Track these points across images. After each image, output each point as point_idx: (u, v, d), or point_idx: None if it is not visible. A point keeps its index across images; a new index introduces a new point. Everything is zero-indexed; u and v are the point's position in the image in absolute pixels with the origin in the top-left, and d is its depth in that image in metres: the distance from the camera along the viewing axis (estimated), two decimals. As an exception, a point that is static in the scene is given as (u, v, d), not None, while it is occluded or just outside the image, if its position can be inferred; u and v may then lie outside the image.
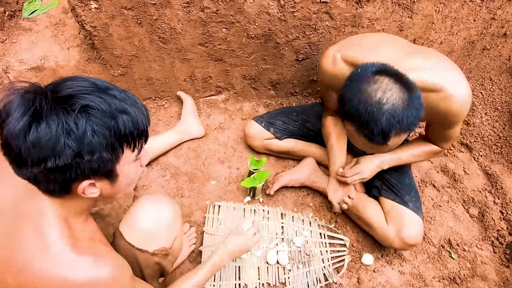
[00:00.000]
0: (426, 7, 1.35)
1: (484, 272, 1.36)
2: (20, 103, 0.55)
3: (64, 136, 0.56)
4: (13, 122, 0.55)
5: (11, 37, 1.57)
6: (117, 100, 0.62)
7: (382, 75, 0.88)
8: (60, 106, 0.56)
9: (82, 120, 0.57)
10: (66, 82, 0.60)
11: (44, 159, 0.57)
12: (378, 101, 0.86)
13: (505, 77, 1.65)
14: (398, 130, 0.88)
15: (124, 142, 0.64)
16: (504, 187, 1.52)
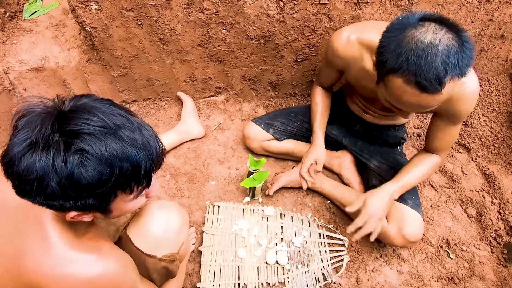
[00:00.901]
0: (424, 9, 1.36)
1: (482, 272, 1.36)
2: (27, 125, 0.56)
3: (51, 172, 0.55)
4: (15, 142, 0.56)
5: (11, 38, 1.58)
6: (123, 143, 0.59)
7: (427, 20, 0.80)
8: (62, 140, 0.55)
9: (73, 162, 0.55)
10: (79, 114, 0.58)
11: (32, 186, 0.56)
12: (430, 43, 0.77)
13: (502, 78, 1.66)
14: (453, 74, 0.79)
15: (117, 189, 0.62)
16: (501, 188, 1.53)
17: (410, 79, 0.81)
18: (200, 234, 1.38)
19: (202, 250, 1.32)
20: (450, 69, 0.78)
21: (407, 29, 0.81)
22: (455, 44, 0.78)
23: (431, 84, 0.79)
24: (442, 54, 0.77)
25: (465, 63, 0.79)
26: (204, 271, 1.28)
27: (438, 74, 0.78)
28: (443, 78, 0.78)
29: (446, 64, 0.77)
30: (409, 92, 0.84)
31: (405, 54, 0.80)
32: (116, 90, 1.66)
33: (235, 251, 1.33)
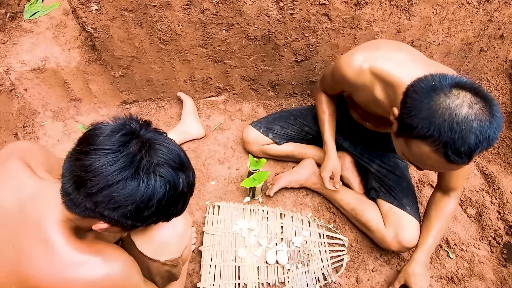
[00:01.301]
0: (423, 9, 1.36)
1: (482, 272, 1.37)
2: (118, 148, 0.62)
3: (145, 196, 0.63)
4: (109, 167, 0.61)
5: (12, 39, 1.58)
6: (184, 180, 0.70)
7: (461, 89, 0.78)
8: (152, 168, 0.64)
9: (160, 190, 0.65)
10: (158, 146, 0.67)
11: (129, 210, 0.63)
12: (465, 118, 0.76)
13: (501, 79, 1.66)
14: (482, 147, 0.79)
15: (164, 217, 0.72)
16: (501, 187, 1.53)
17: (439, 150, 0.80)
18: (200, 234, 1.38)
19: (203, 250, 1.32)
20: (481, 143, 0.77)
21: (438, 95, 0.79)
22: (488, 119, 0.77)
23: (460, 157, 0.79)
24: (476, 130, 0.76)
25: (495, 136, 0.78)
26: (204, 271, 1.28)
27: (470, 148, 0.77)
28: (474, 152, 0.78)
29: (478, 140, 0.77)
30: (435, 159, 0.83)
31: (438, 125, 0.78)
32: (116, 91, 1.66)
33: (235, 251, 1.33)
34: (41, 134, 1.62)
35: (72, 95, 1.67)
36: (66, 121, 1.67)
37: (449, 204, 1.20)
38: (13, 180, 0.73)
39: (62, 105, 1.69)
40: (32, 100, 1.63)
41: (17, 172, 0.75)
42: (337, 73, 1.12)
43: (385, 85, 1.02)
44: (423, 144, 0.82)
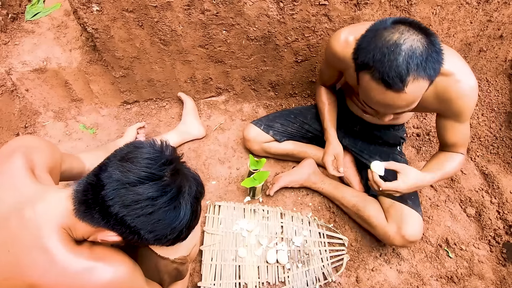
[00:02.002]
0: (423, 10, 1.37)
1: (481, 271, 1.37)
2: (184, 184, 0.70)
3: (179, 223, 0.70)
4: (159, 201, 0.66)
5: (14, 39, 1.59)
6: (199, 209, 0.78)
7: (400, 23, 0.84)
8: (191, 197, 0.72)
9: None
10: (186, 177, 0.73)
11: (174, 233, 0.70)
12: (395, 42, 0.81)
13: (501, 79, 1.67)
14: (416, 74, 0.81)
15: None
16: (500, 187, 1.53)
17: (375, 75, 0.84)
18: (201, 233, 1.38)
19: (203, 249, 1.33)
20: (412, 68, 0.80)
21: (379, 30, 0.85)
22: (420, 46, 0.81)
23: (393, 81, 0.82)
24: (405, 54, 0.80)
25: (430, 65, 0.81)
26: (205, 270, 1.29)
27: (399, 72, 0.81)
28: (405, 76, 0.81)
29: (408, 63, 0.80)
30: (376, 88, 0.87)
31: (372, 51, 0.84)
32: (117, 91, 1.67)
33: (236, 251, 1.34)
34: (42, 134, 1.63)
35: (73, 96, 1.68)
36: (67, 122, 1.68)
37: (454, 155, 1.16)
38: (12, 182, 0.72)
39: (63, 106, 1.70)
40: (34, 100, 1.64)
41: (17, 174, 0.73)
42: (328, 52, 1.18)
43: None
44: (364, 74, 0.87)
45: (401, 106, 0.89)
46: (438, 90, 1.02)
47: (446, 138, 1.15)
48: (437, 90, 1.02)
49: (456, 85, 0.99)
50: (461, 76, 0.99)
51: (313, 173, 1.49)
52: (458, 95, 1.00)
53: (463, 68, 1.00)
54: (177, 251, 0.90)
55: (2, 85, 1.50)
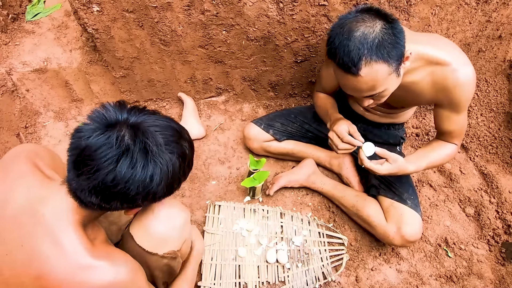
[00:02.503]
0: (422, 10, 1.37)
1: (480, 271, 1.38)
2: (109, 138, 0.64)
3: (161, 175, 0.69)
4: (110, 158, 0.63)
5: (14, 40, 1.59)
6: (189, 147, 0.78)
7: (365, 11, 0.89)
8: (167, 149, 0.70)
9: (172, 165, 0.71)
10: (153, 129, 0.70)
11: (140, 193, 0.68)
12: (348, 30, 0.87)
13: (500, 79, 1.67)
14: (368, 58, 0.86)
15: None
16: (499, 187, 1.54)
17: (335, 61, 0.91)
18: (201, 233, 1.39)
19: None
20: (362, 53, 0.85)
21: (344, 19, 0.90)
22: (373, 32, 0.85)
23: (347, 66, 0.88)
24: (357, 40, 0.86)
25: (383, 49, 0.86)
26: (205, 270, 1.29)
27: (351, 57, 0.86)
28: (356, 61, 0.86)
29: (358, 49, 0.86)
30: (339, 74, 0.94)
31: (332, 42, 0.90)
32: (118, 91, 1.68)
33: (236, 250, 1.34)
34: (42, 135, 1.64)
35: (73, 96, 1.68)
36: (67, 122, 1.69)
37: (450, 145, 1.19)
38: (22, 181, 0.73)
39: (64, 106, 1.71)
40: (34, 100, 1.64)
41: (26, 172, 0.75)
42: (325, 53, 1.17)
43: None
44: (331, 61, 0.94)
45: (363, 89, 0.93)
46: (435, 80, 1.02)
47: (442, 127, 1.16)
48: (434, 79, 1.02)
49: (453, 74, 0.99)
50: (458, 66, 0.99)
51: (312, 173, 1.50)
52: (455, 84, 1.01)
53: (460, 58, 1.01)
54: (165, 246, 0.90)
55: (2, 85, 1.50)
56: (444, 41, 1.04)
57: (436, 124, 1.18)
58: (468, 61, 1.02)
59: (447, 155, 1.20)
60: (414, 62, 1.02)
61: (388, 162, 1.11)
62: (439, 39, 1.06)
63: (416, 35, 1.06)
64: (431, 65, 1.01)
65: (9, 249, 0.68)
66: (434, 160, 1.18)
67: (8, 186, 0.73)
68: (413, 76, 1.05)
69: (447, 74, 1.00)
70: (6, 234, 0.69)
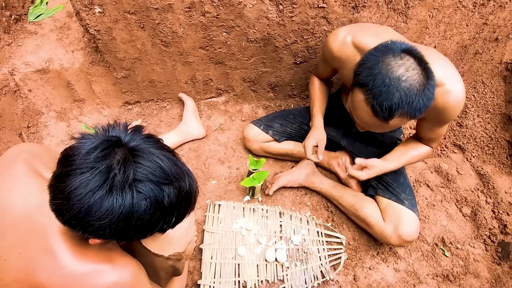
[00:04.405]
0: (420, 12, 1.39)
1: (477, 270, 1.39)
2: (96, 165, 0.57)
3: (121, 214, 0.59)
4: (86, 184, 0.56)
5: (17, 40, 1.61)
6: (176, 193, 0.64)
7: (409, 55, 0.87)
8: (134, 185, 0.59)
9: (146, 206, 0.60)
10: (141, 159, 0.61)
11: (112, 226, 0.59)
12: (398, 77, 0.85)
13: (496, 81, 1.69)
14: (404, 111, 0.87)
15: (162, 228, 0.68)
16: (495, 187, 1.55)
17: (369, 99, 0.89)
18: (201, 232, 1.41)
19: (203, 248, 1.35)
20: (402, 106, 0.86)
21: (388, 54, 0.87)
22: (418, 87, 0.85)
23: (382, 111, 0.88)
24: (402, 90, 0.84)
25: (418, 107, 0.87)
26: (205, 268, 1.31)
27: (391, 105, 0.86)
28: (394, 112, 0.87)
29: (401, 100, 0.85)
30: (365, 109, 0.93)
31: (374, 75, 0.87)
32: (119, 91, 1.69)
33: (235, 249, 1.36)
34: (44, 134, 1.65)
35: (75, 96, 1.70)
36: (69, 122, 1.70)
37: (424, 147, 1.27)
38: (20, 186, 0.72)
39: (66, 106, 1.72)
40: (36, 100, 1.66)
41: (24, 177, 0.74)
42: (325, 49, 1.20)
43: None
44: (360, 91, 0.92)
45: (378, 129, 0.99)
46: None
47: (422, 135, 1.23)
48: None
49: (445, 95, 1.01)
50: (451, 87, 1.00)
51: (311, 173, 1.51)
52: (446, 106, 1.03)
53: (453, 77, 1.01)
54: (171, 248, 0.90)
55: (5, 86, 1.52)
56: (440, 59, 1.04)
57: (417, 129, 1.25)
58: (459, 78, 1.02)
59: (423, 155, 1.28)
60: None
61: (368, 168, 1.20)
62: (435, 56, 1.05)
63: (374, 29, 1.09)
64: None
65: (8, 255, 0.68)
66: (410, 159, 1.27)
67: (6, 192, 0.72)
68: None
69: (439, 95, 1.00)
70: (4, 241, 0.69)
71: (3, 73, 1.51)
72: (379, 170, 1.21)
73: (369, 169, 1.20)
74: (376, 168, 1.20)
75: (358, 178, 1.21)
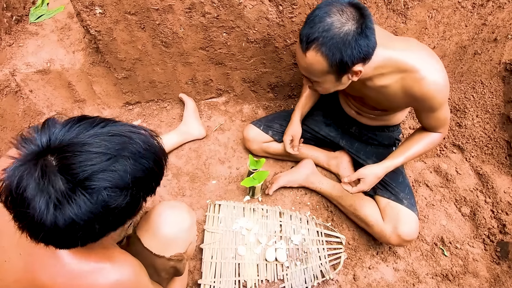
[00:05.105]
0: (419, 13, 1.39)
1: (476, 269, 1.40)
2: (36, 192, 0.54)
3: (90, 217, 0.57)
4: (39, 208, 0.54)
5: (18, 41, 1.61)
6: (132, 161, 0.60)
7: (354, 7, 0.89)
8: (80, 190, 0.55)
9: (104, 200, 0.57)
10: (76, 157, 0.56)
11: (80, 236, 0.59)
12: (326, 12, 0.88)
13: (495, 81, 1.69)
14: (320, 46, 0.89)
15: (146, 196, 0.67)
16: (494, 187, 1.56)
17: (300, 32, 0.94)
18: (201, 232, 1.41)
19: (203, 247, 1.35)
20: (317, 38, 0.89)
21: (337, 1, 0.91)
22: (343, 30, 0.87)
23: (302, 38, 0.92)
24: (326, 25, 0.88)
25: (336, 52, 0.89)
26: (205, 268, 1.31)
27: (309, 34, 0.90)
28: (310, 41, 0.90)
29: (319, 33, 0.88)
30: (298, 46, 0.96)
31: (312, 12, 0.92)
32: (119, 92, 1.70)
33: (236, 249, 1.36)
34: (45, 134, 1.65)
35: (76, 96, 1.70)
36: (70, 122, 1.70)
37: (432, 135, 1.20)
38: None
39: (67, 106, 1.73)
40: (37, 101, 1.66)
41: None
42: None
43: None
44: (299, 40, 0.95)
45: (301, 66, 0.99)
46: (404, 86, 1.03)
47: (423, 123, 1.19)
48: (403, 85, 1.03)
49: (420, 82, 1.00)
50: (425, 73, 0.99)
51: (311, 173, 1.52)
52: (422, 92, 1.01)
53: (429, 64, 1.00)
54: (172, 249, 0.91)
55: (6, 86, 1.52)
56: (417, 47, 1.04)
57: (419, 120, 1.21)
58: (438, 67, 1.01)
59: (432, 142, 1.21)
60: (384, 67, 1.02)
61: (362, 180, 1.19)
62: (412, 45, 1.05)
63: (391, 40, 1.06)
64: (400, 71, 1.01)
65: (8, 256, 0.68)
66: (418, 150, 1.20)
67: None
68: (383, 81, 1.06)
69: (413, 81, 1.00)
70: (4, 242, 0.69)
71: (4, 74, 1.52)
72: (371, 183, 1.18)
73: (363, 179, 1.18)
74: (367, 180, 1.17)
75: (351, 192, 1.20)
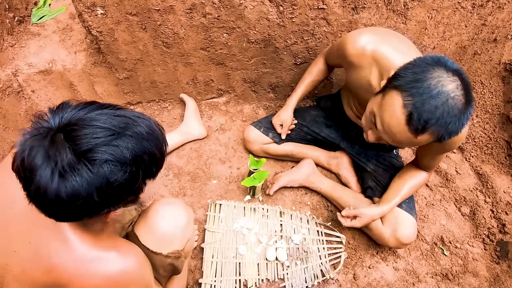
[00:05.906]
0: (419, 13, 1.40)
1: (475, 269, 1.40)
2: (44, 160, 0.57)
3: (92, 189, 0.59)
4: (42, 177, 0.57)
5: (20, 42, 1.62)
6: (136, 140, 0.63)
7: (457, 76, 0.80)
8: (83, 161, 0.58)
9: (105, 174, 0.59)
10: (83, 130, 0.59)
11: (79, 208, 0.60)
12: (447, 92, 0.78)
13: (495, 81, 1.70)
14: (437, 130, 0.81)
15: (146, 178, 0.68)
16: (494, 187, 1.56)
17: (407, 106, 0.81)
18: (202, 231, 1.42)
19: (204, 247, 1.36)
20: (440, 123, 0.80)
21: (441, 67, 0.80)
22: (459, 110, 0.79)
23: (418, 122, 0.80)
24: (447, 107, 0.78)
25: (451, 130, 0.81)
26: (206, 267, 1.32)
27: (430, 119, 0.79)
28: (429, 125, 0.80)
29: (442, 117, 0.79)
30: (397, 116, 0.84)
31: (421, 82, 0.79)
32: (121, 92, 1.70)
33: (236, 248, 1.37)
34: (47, 134, 1.66)
35: (78, 97, 1.71)
36: (71, 122, 1.71)
37: (421, 174, 1.28)
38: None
39: (68, 106, 1.73)
40: (39, 101, 1.67)
41: None
42: (341, 47, 1.14)
43: (382, 70, 1.02)
44: (398, 96, 0.83)
45: (398, 141, 0.89)
46: None
47: (423, 161, 1.25)
48: None
49: None
50: None
51: (311, 173, 1.52)
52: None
53: None
54: (170, 246, 0.91)
55: (8, 86, 1.53)
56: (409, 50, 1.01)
57: (418, 155, 1.27)
58: None
59: (421, 184, 1.30)
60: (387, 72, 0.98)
61: (358, 217, 1.25)
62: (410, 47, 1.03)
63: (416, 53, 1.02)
64: None
65: (18, 246, 0.70)
66: (409, 191, 1.28)
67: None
68: None
69: None
70: (14, 232, 0.71)
71: (6, 74, 1.53)
72: (369, 218, 1.24)
73: (359, 218, 1.25)
74: (365, 216, 1.24)
75: (352, 226, 1.27)
